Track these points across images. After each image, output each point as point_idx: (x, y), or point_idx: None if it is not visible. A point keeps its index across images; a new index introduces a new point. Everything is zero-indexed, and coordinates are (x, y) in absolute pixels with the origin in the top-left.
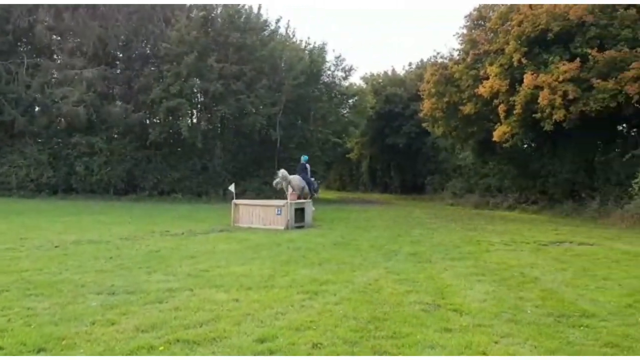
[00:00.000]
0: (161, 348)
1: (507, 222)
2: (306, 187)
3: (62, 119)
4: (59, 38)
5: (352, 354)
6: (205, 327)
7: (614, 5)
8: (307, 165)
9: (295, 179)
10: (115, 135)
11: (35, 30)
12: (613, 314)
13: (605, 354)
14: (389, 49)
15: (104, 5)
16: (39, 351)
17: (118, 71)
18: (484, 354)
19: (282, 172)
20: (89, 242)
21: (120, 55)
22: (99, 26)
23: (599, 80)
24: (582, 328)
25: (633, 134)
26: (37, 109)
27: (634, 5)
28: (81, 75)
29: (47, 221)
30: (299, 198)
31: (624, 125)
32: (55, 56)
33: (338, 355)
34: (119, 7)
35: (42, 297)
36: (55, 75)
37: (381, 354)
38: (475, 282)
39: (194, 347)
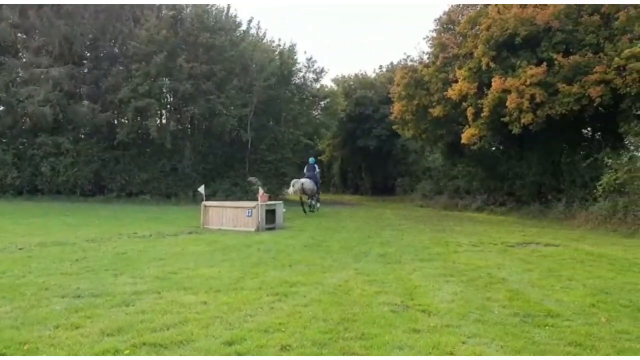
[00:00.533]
0: (127, 352)
1: (476, 224)
2: (315, 188)
3: (28, 119)
4: (24, 36)
5: (321, 355)
6: (173, 330)
7: (579, 11)
8: (316, 166)
9: (307, 182)
10: (82, 136)
11: None
12: (577, 313)
13: (569, 353)
14: (359, 50)
15: (70, 5)
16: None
17: (85, 70)
18: (452, 354)
19: (297, 183)
20: (54, 244)
21: (88, 54)
22: (65, 25)
23: (564, 85)
24: (547, 328)
25: (597, 137)
26: (1, 108)
27: (598, 12)
28: (47, 74)
29: (11, 223)
30: (311, 197)
31: (589, 128)
32: (20, 54)
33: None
34: (85, 5)
35: (4, 300)
36: (20, 74)
37: (350, 355)
38: (443, 282)
39: (160, 350)
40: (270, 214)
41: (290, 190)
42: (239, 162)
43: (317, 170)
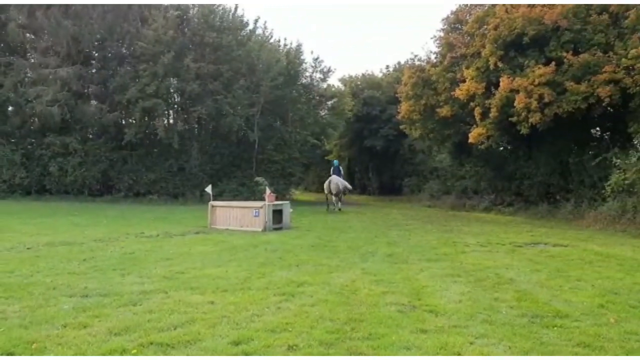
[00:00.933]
0: (134, 351)
1: (483, 224)
2: (341, 187)
3: (36, 119)
4: (32, 37)
5: (328, 355)
6: (180, 329)
7: (587, 10)
8: (341, 168)
9: (341, 183)
10: (90, 136)
11: (7, 29)
12: (586, 314)
13: (577, 353)
14: (365, 50)
15: (79, 5)
16: (8, 355)
17: (93, 70)
18: (459, 354)
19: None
20: (62, 244)
21: (96, 54)
22: (73, 25)
23: (572, 83)
24: (555, 328)
25: (606, 137)
26: (10, 108)
27: (607, 11)
28: (55, 74)
29: (19, 222)
30: (337, 195)
31: (598, 128)
32: (28, 55)
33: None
34: (93, 5)
35: (13, 299)
36: (29, 74)
37: (357, 355)
38: (451, 283)
39: (167, 349)
40: (277, 214)
41: (325, 187)
42: (246, 162)
43: (342, 172)
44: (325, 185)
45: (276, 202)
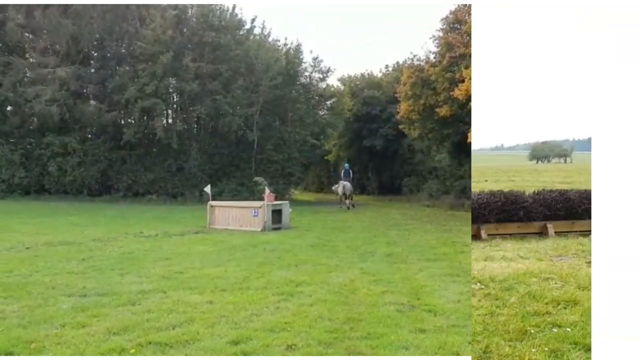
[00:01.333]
0: (133, 350)
1: None
2: (352, 190)
3: (35, 119)
4: (31, 36)
5: (327, 354)
6: (178, 329)
7: None
8: (350, 171)
9: (348, 185)
10: (89, 135)
11: (6, 28)
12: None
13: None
14: (364, 50)
15: (80, 4)
16: (7, 355)
17: (92, 70)
18: (458, 354)
19: (340, 185)
20: (61, 243)
21: (95, 54)
22: (72, 24)
23: None
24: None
25: None
26: (9, 108)
27: None
28: (54, 74)
29: (18, 222)
30: (346, 198)
31: None
32: (27, 55)
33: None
34: (93, 5)
35: (12, 299)
36: (27, 74)
37: (355, 355)
38: (450, 282)
39: (166, 349)
40: (277, 213)
41: (339, 190)
42: (245, 162)
43: (351, 175)
44: (340, 190)
45: (275, 202)
